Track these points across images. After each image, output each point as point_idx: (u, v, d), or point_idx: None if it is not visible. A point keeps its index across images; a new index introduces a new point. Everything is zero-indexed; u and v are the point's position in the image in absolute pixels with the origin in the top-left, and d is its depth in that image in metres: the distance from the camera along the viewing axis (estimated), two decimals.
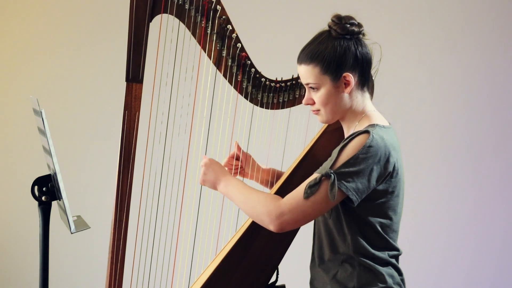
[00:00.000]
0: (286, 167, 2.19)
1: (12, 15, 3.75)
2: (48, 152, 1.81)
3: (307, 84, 1.87)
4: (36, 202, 1.84)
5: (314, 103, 1.88)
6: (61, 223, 1.92)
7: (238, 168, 2.19)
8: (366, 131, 1.77)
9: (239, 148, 2.17)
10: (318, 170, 1.79)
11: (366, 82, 1.89)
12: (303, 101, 1.91)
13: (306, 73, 1.86)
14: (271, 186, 2.18)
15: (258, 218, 1.83)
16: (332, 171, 1.74)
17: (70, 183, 2.55)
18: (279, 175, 2.21)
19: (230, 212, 2.18)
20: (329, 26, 1.87)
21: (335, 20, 1.86)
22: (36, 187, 1.83)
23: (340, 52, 1.83)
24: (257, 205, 1.82)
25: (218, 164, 1.97)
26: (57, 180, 1.81)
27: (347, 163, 1.74)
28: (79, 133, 3.77)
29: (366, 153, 1.74)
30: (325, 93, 1.85)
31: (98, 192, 3.74)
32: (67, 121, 3.74)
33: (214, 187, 1.95)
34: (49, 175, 1.85)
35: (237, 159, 2.19)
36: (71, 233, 1.85)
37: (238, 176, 2.19)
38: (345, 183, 1.73)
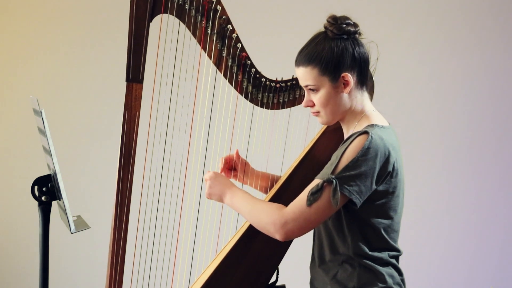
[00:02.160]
0: (286, 167, 2.18)
1: (12, 15, 3.75)
2: (48, 152, 1.81)
3: (306, 86, 1.87)
4: (36, 202, 1.84)
5: (313, 105, 1.88)
6: (61, 223, 1.92)
7: (231, 174, 2.19)
8: (365, 132, 1.77)
9: (238, 156, 2.17)
10: (319, 175, 1.79)
11: (364, 81, 1.89)
12: (303, 104, 1.91)
13: (305, 75, 1.86)
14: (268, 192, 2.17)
15: (264, 228, 1.84)
16: (333, 177, 1.74)
17: (70, 183, 2.55)
18: (276, 180, 2.20)
19: (230, 212, 2.17)
20: (325, 27, 1.86)
21: (331, 21, 1.85)
22: (36, 187, 1.83)
23: (338, 52, 1.82)
24: (261, 216, 1.83)
25: (223, 176, 1.98)
26: (57, 180, 1.81)
27: (347, 167, 1.74)
28: (79, 133, 3.77)
29: (365, 155, 1.74)
30: (325, 94, 1.85)
31: (98, 192, 3.73)
32: (67, 121, 3.74)
33: (221, 199, 1.96)
34: (49, 175, 1.85)
35: (232, 168, 2.18)
36: (71, 233, 1.85)
37: (235, 182, 2.18)
38: (347, 187, 1.73)
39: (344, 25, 1.84)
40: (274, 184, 2.17)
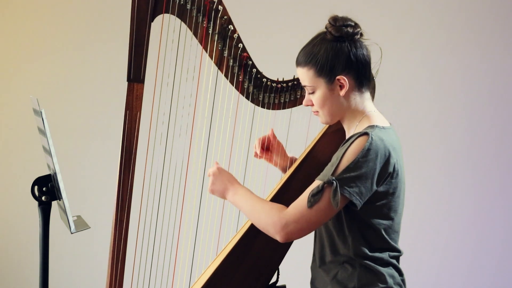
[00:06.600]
0: None
1: (13, 15, 3.75)
2: (48, 152, 1.80)
3: (305, 86, 1.88)
4: (36, 202, 1.84)
5: (313, 104, 1.89)
6: (61, 223, 1.91)
7: (262, 154, 2.19)
8: (365, 133, 1.77)
9: (274, 136, 2.17)
10: (319, 177, 1.78)
11: (364, 83, 1.88)
12: (303, 103, 1.92)
13: (303, 76, 1.87)
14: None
15: (265, 228, 1.84)
16: (334, 178, 1.73)
17: (70, 183, 2.54)
18: (294, 161, 2.20)
19: (231, 213, 2.17)
20: (326, 28, 1.87)
21: (331, 22, 1.85)
22: (36, 187, 1.83)
23: (333, 55, 1.82)
24: (262, 216, 1.83)
25: (227, 173, 1.97)
26: (57, 180, 1.81)
27: (348, 169, 1.74)
28: (80, 133, 3.76)
29: (366, 156, 1.74)
30: (321, 96, 1.85)
31: (99, 192, 3.73)
32: (67, 121, 3.74)
33: (223, 196, 1.95)
34: (49, 175, 1.85)
35: (267, 148, 2.18)
36: (71, 233, 1.85)
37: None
38: (348, 188, 1.73)
39: (343, 27, 1.83)
40: (291, 164, 2.17)
